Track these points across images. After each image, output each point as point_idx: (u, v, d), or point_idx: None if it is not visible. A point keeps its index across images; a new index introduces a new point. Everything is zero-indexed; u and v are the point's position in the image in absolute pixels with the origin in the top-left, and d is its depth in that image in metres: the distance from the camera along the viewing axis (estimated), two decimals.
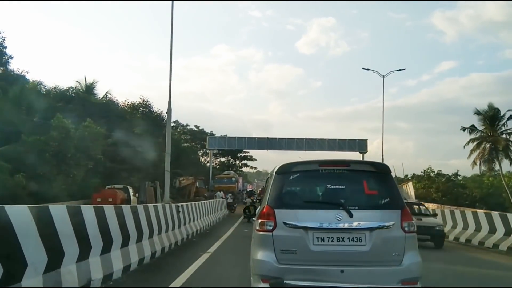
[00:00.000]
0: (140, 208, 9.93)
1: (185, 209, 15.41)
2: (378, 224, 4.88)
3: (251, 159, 72.46)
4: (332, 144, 54.10)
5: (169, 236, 12.36)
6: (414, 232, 5.05)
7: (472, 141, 44.90)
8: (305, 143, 54.08)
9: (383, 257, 4.87)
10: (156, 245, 10.67)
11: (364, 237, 4.84)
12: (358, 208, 4.93)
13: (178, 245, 12.91)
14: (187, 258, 10.47)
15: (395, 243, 4.90)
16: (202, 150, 66.17)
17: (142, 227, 9.79)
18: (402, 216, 4.97)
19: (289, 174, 5.30)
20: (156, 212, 11.32)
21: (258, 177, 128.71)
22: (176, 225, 13.59)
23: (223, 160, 72.36)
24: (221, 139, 56.17)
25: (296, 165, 5.44)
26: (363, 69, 40.72)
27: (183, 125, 64.85)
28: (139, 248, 9.42)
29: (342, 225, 4.85)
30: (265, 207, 5.17)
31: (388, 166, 5.58)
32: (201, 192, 42.82)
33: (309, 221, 4.89)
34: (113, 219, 8.05)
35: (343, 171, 5.28)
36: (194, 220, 17.15)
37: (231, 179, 53.88)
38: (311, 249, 4.82)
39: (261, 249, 5.01)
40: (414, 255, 4.96)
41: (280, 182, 5.27)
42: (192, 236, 15.40)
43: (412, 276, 4.83)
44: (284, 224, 4.91)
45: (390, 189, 5.22)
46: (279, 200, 5.13)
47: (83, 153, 25.15)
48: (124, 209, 8.81)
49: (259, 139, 54.91)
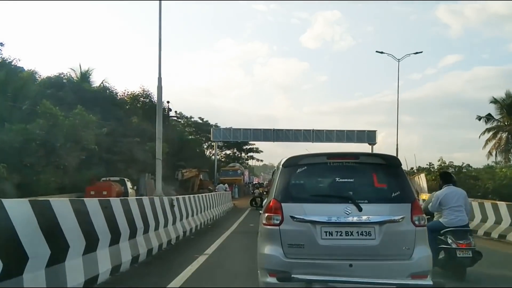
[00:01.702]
0: (116, 202, 7.96)
1: (181, 203, 13.45)
2: (388, 218, 4.79)
3: (257, 151, 70.26)
4: (340, 136, 51.93)
5: (160, 234, 10.43)
6: (424, 226, 4.98)
7: (488, 131, 42.66)
8: (312, 135, 51.98)
9: (393, 251, 4.79)
10: (140, 247, 8.73)
11: (374, 231, 4.76)
12: (367, 202, 4.83)
13: (171, 244, 11.00)
14: (177, 263, 8.55)
15: (405, 237, 4.82)
16: (207, 143, 64.24)
17: (119, 225, 7.85)
18: (412, 210, 4.87)
19: (296, 167, 5.21)
20: (141, 207, 9.36)
21: (265, 170, 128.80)
22: (170, 221, 11.66)
23: (229, 153, 70.39)
24: (226, 131, 54.05)
25: (303, 158, 5.33)
26: (377, 52, 38.14)
27: (187, 117, 62.88)
28: (114, 252, 7.47)
29: (351, 218, 4.77)
30: (271, 200, 5.08)
31: (398, 158, 5.47)
32: (205, 184, 40.88)
33: (317, 215, 4.82)
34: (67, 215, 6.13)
35: (352, 163, 5.22)
36: (194, 215, 15.19)
37: (236, 172, 52.05)
38: (319, 243, 4.76)
39: (268, 243, 4.94)
40: (424, 249, 4.89)
41: (287, 175, 5.18)
42: (190, 233, 13.47)
43: (422, 270, 4.75)
44: (292, 218, 4.84)
45: (400, 182, 5.10)
46: (286, 193, 5.05)
47: (74, 143, 23.15)
48: (88, 204, 6.83)
49: (265, 130, 52.80)
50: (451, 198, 7.29)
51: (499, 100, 41.48)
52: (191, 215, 14.68)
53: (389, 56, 37.19)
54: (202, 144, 65.27)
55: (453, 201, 7.27)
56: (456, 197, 7.48)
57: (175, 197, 12.96)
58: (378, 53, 37.58)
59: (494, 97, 41.38)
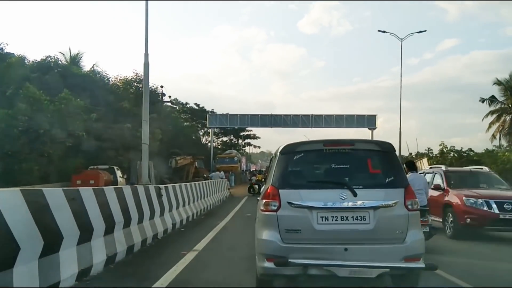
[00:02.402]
0: (87, 193, 6.71)
1: (170, 192, 12.24)
2: (382, 203, 4.91)
3: (254, 138, 68.81)
4: (339, 121, 50.64)
5: (144, 228, 9.25)
6: (417, 210, 5.10)
7: (491, 113, 41.40)
8: (311, 120, 50.68)
9: (387, 235, 4.89)
10: (118, 244, 7.53)
11: (368, 215, 4.87)
12: (362, 187, 4.94)
13: (157, 239, 9.81)
14: (159, 263, 7.37)
15: (398, 221, 4.93)
16: (203, 130, 62.81)
17: (92, 220, 6.63)
18: (405, 195, 5.01)
19: (293, 154, 5.31)
20: (121, 198, 8.15)
21: (262, 157, 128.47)
22: (157, 212, 10.47)
23: (225, 140, 68.92)
24: (223, 117, 52.63)
25: (300, 145, 5.47)
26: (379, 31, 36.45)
27: (182, 103, 61.35)
28: (83, 252, 6.25)
29: (346, 204, 4.88)
30: (269, 187, 5.17)
31: (392, 145, 5.51)
32: (201, 172, 39.50)
33: (314, 200, 4.91)
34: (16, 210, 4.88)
35: (348, 150, 5.32)
36: (185, 205, 13.99)
37: (233, 159, 50.72)
38: (315, 228, 4.84)
39: (266, 229, 5.01)
40: (417, 232, 5.02)
41: (285, 162, 5.28)
42: (180, 225, 12.28)
43: (415, 253, 4.87)
44: (289, 204, 4.93)
45: (394, 168, 5.26)
46: (283, 180, 5.14)
47: (59, 129, 21.76)
48: (48, 195, 5.57)
49: (262, 116, 51.46)
50: (414, 183, 7.66)
51: (503, 82, 40.19)
52: (182, 205, 13.48)
53: (391, 35, 35.66)
54: (198, 131, 63.92)
55: (415, 186, 7.66)
56: (418, 182, 8.73)
57: (163, 186, 11.73)
58: (380, 32, 36.00)
59: (497, 78, 40.05)
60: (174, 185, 13.48)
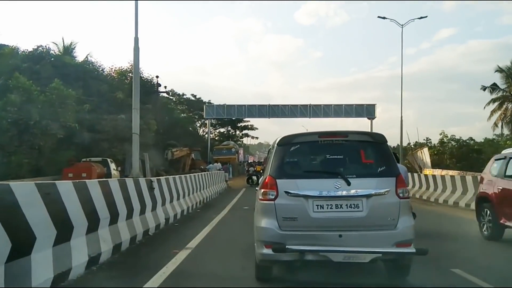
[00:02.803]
0: (65, 187, 6.03)
1: (163, 185, 11.59)
2: (374, 191, 5.09)
3: (252, 129, 68.09)
4: (338, 110, 49.95)
5: (134, 224, 8.62)
6: (408, 198, 5.27)
7: (493, 101, 40.78)
8: (309, 110, 49.96)
9: (379, 222, 5.08)
10: (103, 243, 6.90)
11: (361, 203, 5.06)
12: (355, 177, 5.13)
13: (149, 235, 9.18)
14: (148, 264, 6.77)
15: (390, 208, 5.10)
16: (200, 121, 62.03)
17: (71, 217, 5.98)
18: (397, 183, 5.18)
19: (290, 145, 5.49)
20: (107, 192, 7.49)
21: (260, 149, 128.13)
22: (148, 207, 9.83)
23: (223, 131, 68.12)
24: (220, 107, 51.88)
25: (296, 136, 5.63)
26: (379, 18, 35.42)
27: (179, 94, 60.49)
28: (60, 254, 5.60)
29: (341, 192, 5.06)
30: (267, 177, 5.32)
31: (384, 136, 5.64)
32: (197, 164, 38.84)
33: (309, 189, 5.08)
34: None
35: (342, 141, 5.48)
36: (180, 198, 13.35)
37: (230, 150, 50.07)
38: (311, 216, 5.03)
39: (264, 217, 5.20)
40: (407, 219, 5.20)
41: (281, 153, 5.45)
42: (174, 219, 11.66)
43: (406, 239, 5.06)
44: (286, 193, 5.11)
45: (386, 158, 5.43)
46: (280, 170, 5.32)
47: (50, 120, 21.00)
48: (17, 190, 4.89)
49: (260, 106, 50.69)
50: None
51: (504, 69, 39.54)
52: (176, 199, 12.84)
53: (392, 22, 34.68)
54: (195, 122, 63.12)
55: None
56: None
57: (155, 178, 11.06)
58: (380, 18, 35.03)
59: (499, 66, 39.38)
60: (168, 177, 12.83)
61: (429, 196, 19.57)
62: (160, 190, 11.06)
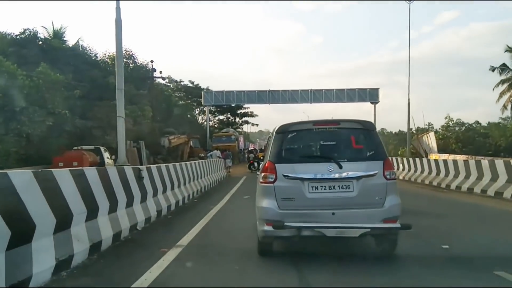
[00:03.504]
0: (23, 178, 4.87)
1: (154, 174, 10.46)
2: (364, 174, 5.58)
3: (252, 116, 66.57)
4: (340, 95, 48.72)
5: (118, 218, 7.53)
6: (394, 179, 5.75)
7: (502, 83, 39.42)
8: (310, 95, 48.72)
9: (368, 201, 5.58)
10: (77, 242, 5.80)
11: (352, 184, 5.57)
12: (346, 161, 5.63)
13: (136, 230, 8.09)
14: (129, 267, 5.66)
15: (378, 189, 5.60)
16: (199, 108, 60.71)
17: (32, 214, 4.87)
18: (384, 166, 5.68)
19: (287, 133, 5.98)
20: (84, 183, 6.38)
21: (261, 136, 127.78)
22: (137, 198, 8.75)
23: (222, 118, 66.70)
24: (218, 94, 50.55)
25: (293, 125, 6.11)
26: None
27: (176, 81, 59.08)
28: (17, 258, 4.51)
29: (333, 175, 5.56)
30: (267, 162, 5.88)
31: (373, 123, 6.18)
32: (196, 152, 37.60)
33: (305, 173, 5.60)
34: None
35: (334, 129, 5.98)
36: (174, 188, 12.24)
37: (230, 137, 48.82)
38: (307, 197, 5.56)
39: (265, 198, 5.73)
40: (394, 198, 5.65)
41: (280, 141, 5.95)
42: (168, 211, 10.58)
43: (392, 216, 5.56)
44: (284, 177, 5.64)
45: (374, 143, 5.89)
46: (279, 156, 5.84)
47: (38, 107, 19.78)
48: None
49: (259, 92, 49.44)
50: None
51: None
52: (170, 188, 11.74)
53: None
54: (193, 109, 61.81)
55: None
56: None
57: (144, 167, 9.92)
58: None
59: (508, 45, 37.94)
60: (160, 165, 11.69)
61: (439, 182, 18.48)
62: (151, 180, 9.94)
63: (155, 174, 10.52)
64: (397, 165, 25.11)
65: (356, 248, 6.39)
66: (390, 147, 59.54)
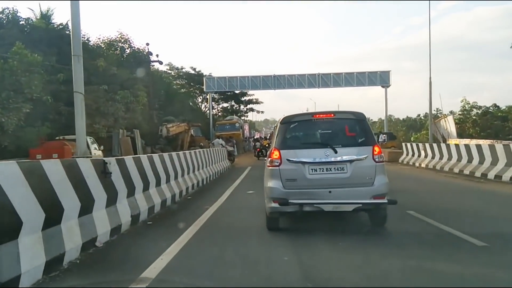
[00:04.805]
0: None
1: (130, 167, 8.07)
2: (356, 157, 6.46)
3: (257, 103, 63.62)
4: (349, 79, 46.05)
5: (63, 234, 5.17)
6: (382, 162, 6.63)
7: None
8: (318, 80, 46.07)
9: (360, 180, 6.45)
10: None
11: (346, 167, 6.46)
12: (341, 146, 6.54)
13: (96, 246, 5.72)
14: None
15: (368, 170, 6.47)
16: (202, 96, 58.12)
17: None
18: (373, 151, 6.54)
19: (290, 123, 7.02)
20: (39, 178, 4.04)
21: (266, 125, 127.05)
22: (99, 202, 6.42)
23: (226, 106, 63.95)
24: (221, 79, 47.98)
25: (295, 116, 7.21)
26: None
27: (177, 68, 56.53)
28: None
29: (330, 159, 6.46)
30: (273, 148, 6.82)
31: (364, 114, 7.01)
32: (197, 141, 35.10)
33: (306, 157, 6.50)
34: None
35: (330, 119, 6.91)
36: (161, 184, 9.87)
37: (234, 125, 46.24)
38: (307, 177, 6.46)
39: (272, 179, 6.61)
40: (382, 178, 6.52)
41: (284, 130, 6.95)
42: (148, 215, 8.26)
43: (381, 193, 6.43)
44: (288, 161, 6.54)
45: (365, 131, 6.81)
46: (283, 143, 6.79)
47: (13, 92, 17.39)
48: None
49: (264, 77, 46.80)
50: None
51: None
52: (155, 185, 9.42)
53: None
54: (196, 97, 59.27)
55: None
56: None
57: (113, 159, 7.47)
58: None
59: None
60: (139, 156, 9.27)
61: (472, 170, 16.02)
62: (123, 175, 7.57)
63: (131, 167, 8.13)
64: (418, 151, 22.67)
65: (351, 224, 7.34)
66: (400, 133, 56.96)
